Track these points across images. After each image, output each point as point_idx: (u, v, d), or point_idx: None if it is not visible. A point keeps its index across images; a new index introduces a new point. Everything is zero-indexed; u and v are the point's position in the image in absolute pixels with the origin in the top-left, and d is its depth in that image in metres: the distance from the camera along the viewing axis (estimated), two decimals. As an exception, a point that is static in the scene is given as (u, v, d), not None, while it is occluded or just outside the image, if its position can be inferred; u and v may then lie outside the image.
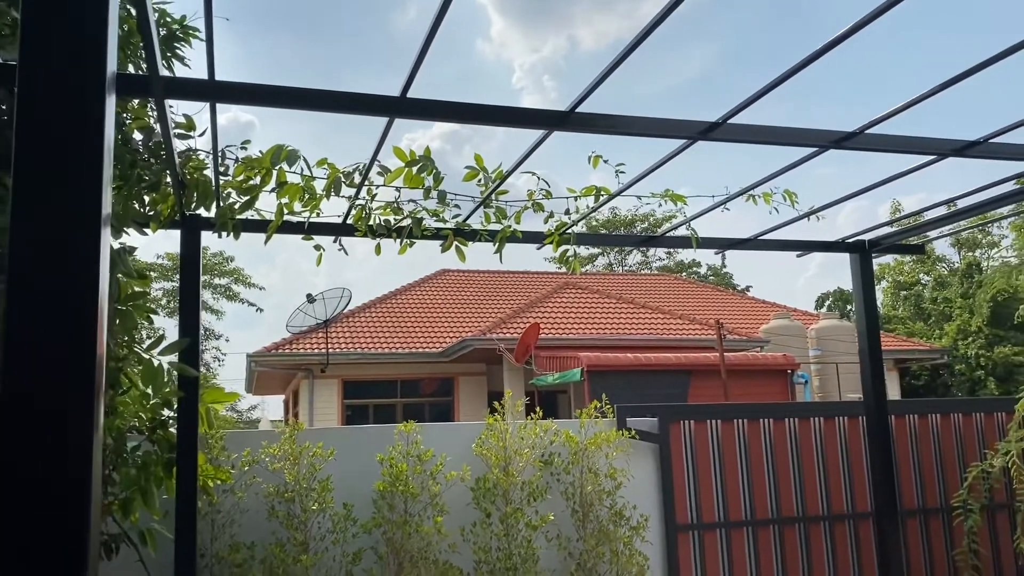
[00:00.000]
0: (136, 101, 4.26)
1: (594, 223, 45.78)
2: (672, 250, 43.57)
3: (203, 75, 3.13)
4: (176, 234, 5.10)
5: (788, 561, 6.80)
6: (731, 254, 6.27)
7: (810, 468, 7.03)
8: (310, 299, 19.00)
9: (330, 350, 18.33)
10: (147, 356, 4.61)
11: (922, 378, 24.90)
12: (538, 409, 6.57)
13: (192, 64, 4.63)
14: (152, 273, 33.83)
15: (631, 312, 20.17)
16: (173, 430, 4.95)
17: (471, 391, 19.29)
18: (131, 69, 4.05)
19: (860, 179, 5.52)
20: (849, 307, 32.39)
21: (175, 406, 4.83)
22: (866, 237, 6.24)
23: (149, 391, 4.70)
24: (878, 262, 33.37)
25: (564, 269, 5.15)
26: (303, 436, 5.87)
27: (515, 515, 5.91)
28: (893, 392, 22.06)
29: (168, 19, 4.65)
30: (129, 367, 4.61)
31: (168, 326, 42.06)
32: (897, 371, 23.02)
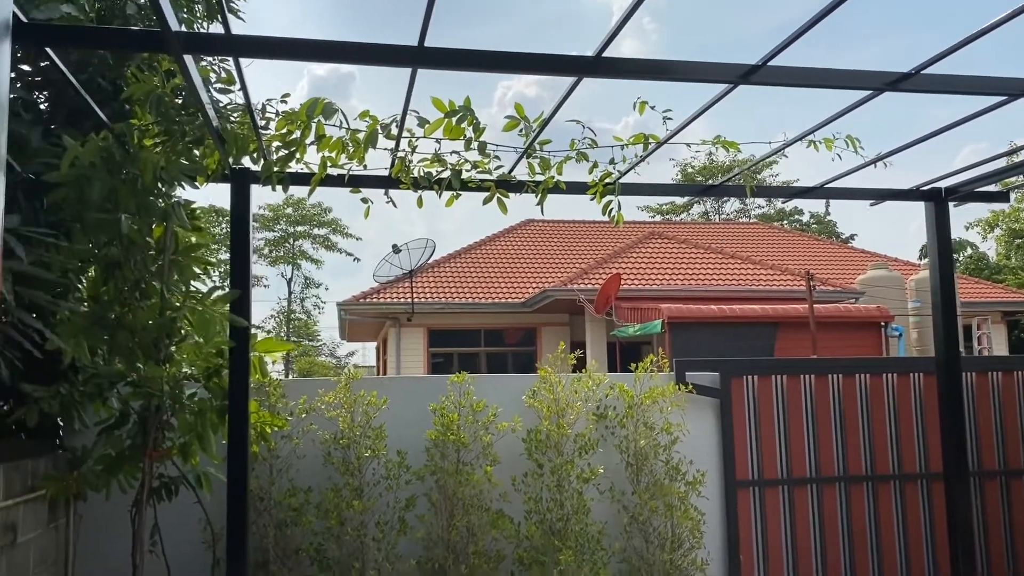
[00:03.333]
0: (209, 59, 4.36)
1: (689, 170, 44.59)
2: (771, 199, 42.16)
3: (281, 29, 3.15)
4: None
5: (854, 519, 6.59)
6: (836, 201, 5.92)
7: (880, 425, 6.76)
8: (396, 249, 19.31)
9: (415, 300, 18.64)
10: (200, 308, 4.76)
11: (1034, 332, 23.56)
12: (593, 361, 6.50)
13: (262, 17, 4.69)
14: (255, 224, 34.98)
15: (719, 262, 19.70)
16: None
17: (553, 341, 19.30)
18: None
19: (977, 120, 4.93)
20: (956, 256, 30.74)
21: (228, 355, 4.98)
22: (943, 184, 5.87)
23: (202, 340, 4.88)
24: (991, 208, 31.45)
25: (609, 218, 5.01)
26: (358, 385, 5.99)
27: (566, 467, 5.89)
28: (1000, 347, 20.97)
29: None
30: (185, 317, 4.77)
31: (270, 274, 43.69)
32: (1005, 324, 21.85)
